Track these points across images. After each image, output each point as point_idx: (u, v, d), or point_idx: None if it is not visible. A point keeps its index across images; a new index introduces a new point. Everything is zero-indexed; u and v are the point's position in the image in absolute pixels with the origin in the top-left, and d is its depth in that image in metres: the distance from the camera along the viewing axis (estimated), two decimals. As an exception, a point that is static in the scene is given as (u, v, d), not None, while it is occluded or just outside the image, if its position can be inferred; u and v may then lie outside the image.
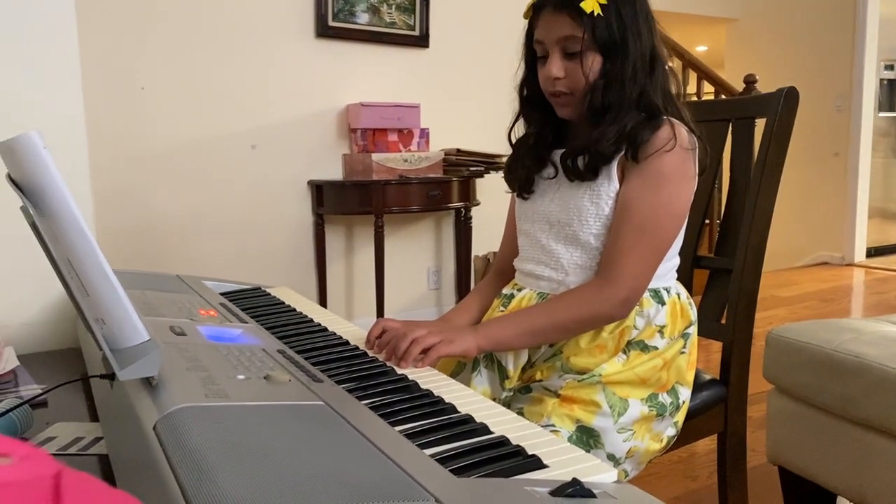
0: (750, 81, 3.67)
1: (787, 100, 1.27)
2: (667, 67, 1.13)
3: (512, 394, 1.13)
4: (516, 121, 1.23)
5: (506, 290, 1.23)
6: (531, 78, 1.17)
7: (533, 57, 1.15)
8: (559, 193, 1.16)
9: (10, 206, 0.93)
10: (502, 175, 1.27)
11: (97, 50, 2.65)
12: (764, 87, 2.80)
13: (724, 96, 4.17)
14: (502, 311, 1.19)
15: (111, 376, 0.75)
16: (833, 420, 1.39)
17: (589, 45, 1.06)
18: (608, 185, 1.10)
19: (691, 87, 4.38)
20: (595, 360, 1.08)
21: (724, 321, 1.34)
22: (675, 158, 1.07)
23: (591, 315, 1.07)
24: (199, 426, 0.61)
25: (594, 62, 1.07)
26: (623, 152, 1.08)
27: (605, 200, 1.10)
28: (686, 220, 1.15)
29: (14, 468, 0.21)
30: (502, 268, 1.30)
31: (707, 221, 2.14)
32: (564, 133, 1.20)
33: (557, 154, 1.16)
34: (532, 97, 1.19)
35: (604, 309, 1.06)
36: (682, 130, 1.09)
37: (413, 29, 3.40)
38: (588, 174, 1.10)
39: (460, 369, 1.15)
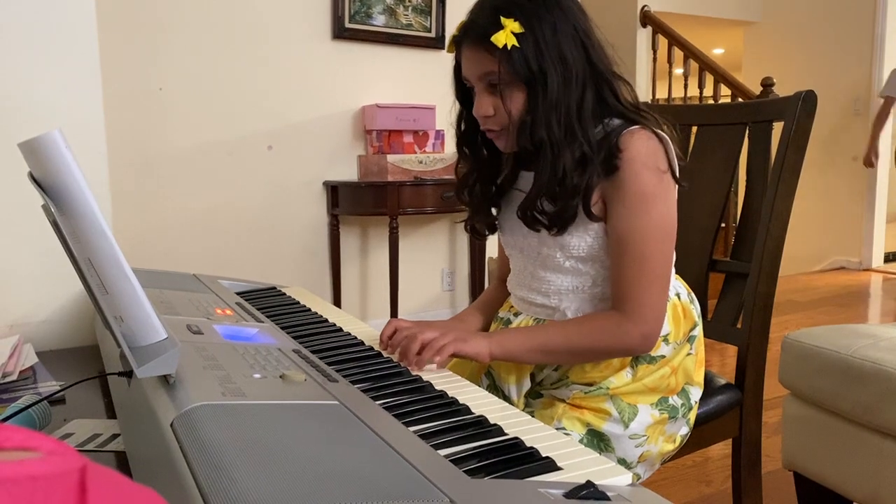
0: (767, 85, 3.64)
1: (805, 103, 1.26)
2: (617, 78, 1.04)
3: None
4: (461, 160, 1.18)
5: (502, 314, 1.21)
6: (465, 113, 1.12)
7: (464, 91, 1.10)
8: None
9: (31, 205, 0.95)
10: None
11: (116, 52, 2.68)
12: (781, 90, 2.78)
13: (741, 99, 4.14)
14: None
15: (129, 373, 0.76)
16: (849, 426, 1.38)
17: (509, 79, 0.99)
18: (586, 218, 1.03)
19: (708, 90, 4.36)
20: (602, 374, 1.07)
21: (739, 325, 1.33)
22: (652, 176, 1.01)
23: (609, 347, 1.03)
24: (216, 424, 0.62)
25: (517, 97, 1.01)
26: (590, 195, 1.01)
27: (585, 231, 1.05)
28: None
29: (42, 462, 0.21)
30: (504, 276, 1.26)
31: (723, 225, 2.13)
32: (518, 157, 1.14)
33: (514, 199, 1.10)
34: (470, 132, 1.13)
35: (624, 344, 1.03)
36: (641, 144, 1.00)
37: (429, 31, 3.41)
38: (556, 232, 1.04)
39: (474, 379, 1.13)
